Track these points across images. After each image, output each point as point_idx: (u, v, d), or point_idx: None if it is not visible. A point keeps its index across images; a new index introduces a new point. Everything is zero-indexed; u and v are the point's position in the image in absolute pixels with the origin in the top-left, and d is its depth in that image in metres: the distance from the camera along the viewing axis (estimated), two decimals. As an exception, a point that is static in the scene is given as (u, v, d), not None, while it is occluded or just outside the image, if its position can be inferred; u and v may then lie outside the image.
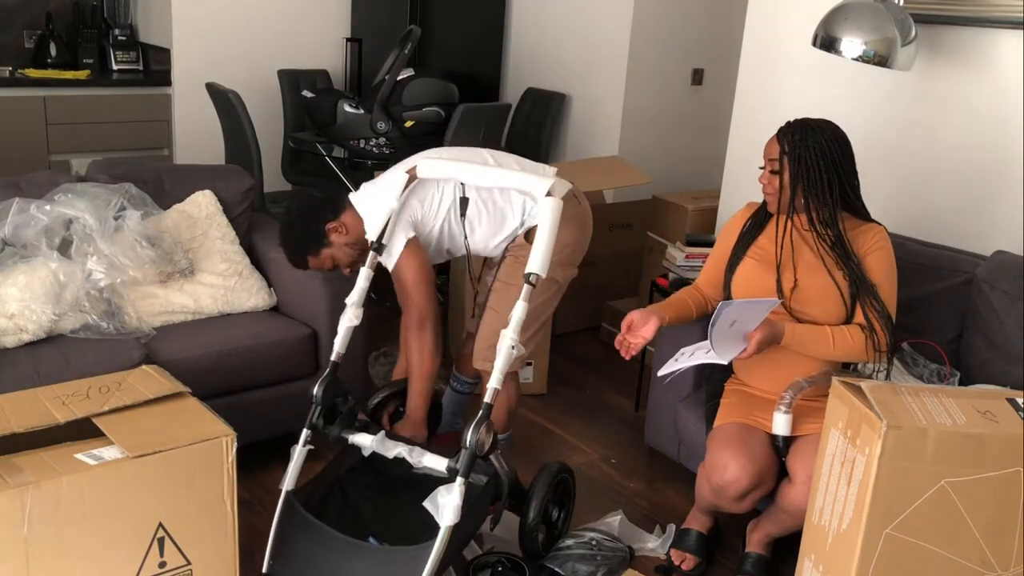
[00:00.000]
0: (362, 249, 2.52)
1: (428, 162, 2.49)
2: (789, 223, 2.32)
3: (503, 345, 2.13)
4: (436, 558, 2.02)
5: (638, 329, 2.29)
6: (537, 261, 2.20)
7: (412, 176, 2.45)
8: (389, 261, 2.47)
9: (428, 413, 2.59)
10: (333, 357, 2.37)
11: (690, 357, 2.27)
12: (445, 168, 2.48)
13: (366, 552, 2.18)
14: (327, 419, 2.32)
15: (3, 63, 4.47)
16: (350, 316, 2.37)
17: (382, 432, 2.29)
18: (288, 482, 2.25)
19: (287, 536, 2.20)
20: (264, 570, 2.20)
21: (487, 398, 2.14)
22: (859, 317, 2.28)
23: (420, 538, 2.12)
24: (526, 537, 2.42)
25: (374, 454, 2.29)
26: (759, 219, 2.43)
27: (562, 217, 2.34)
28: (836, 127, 2.29)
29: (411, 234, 2.46)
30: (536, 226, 2.57)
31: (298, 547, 2.18)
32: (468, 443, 2.10)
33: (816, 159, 2.24)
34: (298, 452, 2.30)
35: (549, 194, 2.31)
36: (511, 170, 2.48)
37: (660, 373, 2.34)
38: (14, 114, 4.22)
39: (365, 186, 2.58)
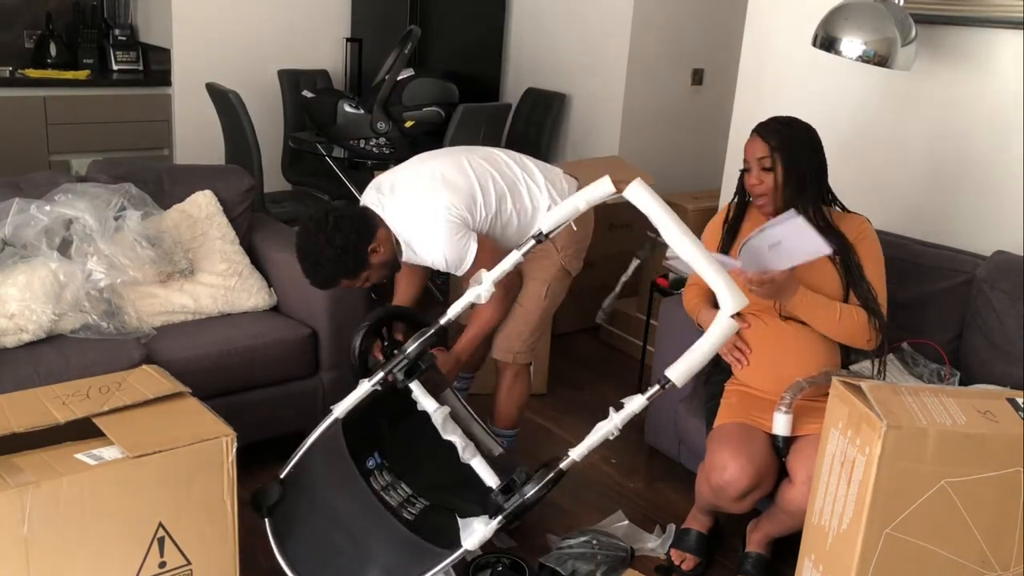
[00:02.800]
0: (392, 265, 2.47)
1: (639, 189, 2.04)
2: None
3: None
4: (441, 569, 2.02)
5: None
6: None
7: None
8: (460, 271, 2.42)
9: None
10: (443, 321, 2.29)
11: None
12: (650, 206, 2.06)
13: (381, 521, 2.14)
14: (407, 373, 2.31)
15: (3, 63, 4.47)
16: (480, 291, 2.23)
17: (447, 408, 2.28)
18: (341, 409, 2.28)
19: (315, 460, 2.24)
20: (281, 475, 2.24)
21: (564, 466, 2.00)
22: (854, 301, 2.31)
23: (420, 470, 2.20)
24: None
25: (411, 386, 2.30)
26: (738, 215, 2.47)
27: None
28: (804, 121, 2.36)
29: (473, 238, 2.40)
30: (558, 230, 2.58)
31: (319, 477, 2.21)
32: (528, 497, 2.01)
33: (799, 151, 2.31)
34: (364, 388, 2.30)
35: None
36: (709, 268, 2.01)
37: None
38: (14, 114, 4.22)
39: (395, 203, 2.43)
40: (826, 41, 2.63)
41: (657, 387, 2.00)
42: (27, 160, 4.17)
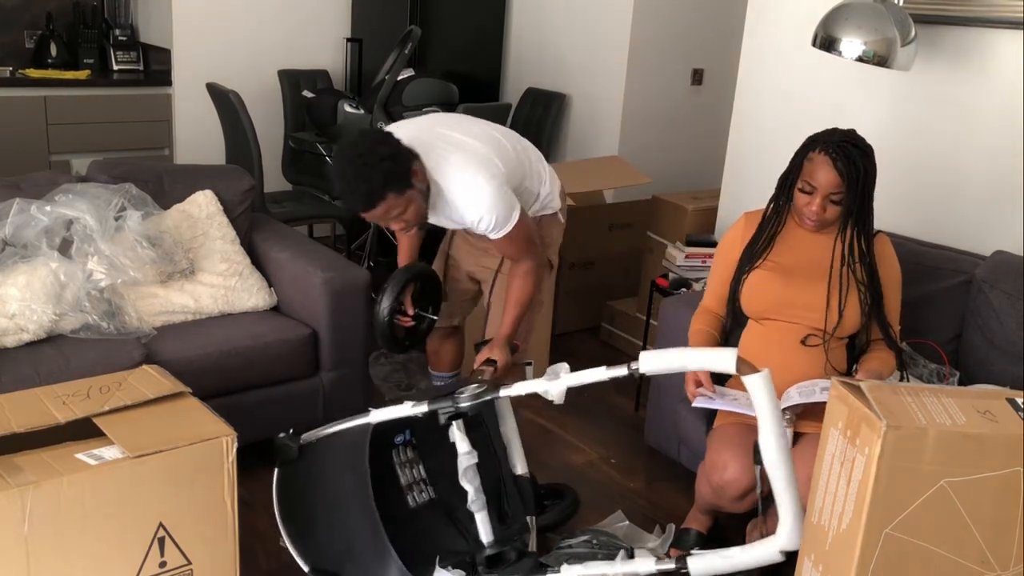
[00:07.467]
0: (423, 212, 2.34)
1: None
2: (840, 242, 2.31)
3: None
4: None
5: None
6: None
7: None
8: (500, 232, 2.33)
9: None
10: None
11: (731, 401, 2.30)
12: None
13: (374, 528, 2.11)
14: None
15: (3, 63, 4.47)
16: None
17: (475, 458, 2.21)
18: (377, 417, 2.25)
19: (337, 445, 2.27)
20: (302, 440, 2.30)
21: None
22: (876, 332, 2.31)
23: (443, 460, 2.23)
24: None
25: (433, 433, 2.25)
26: (770, 231, 2.40)
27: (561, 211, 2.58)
28: (866, 142, 2.27)
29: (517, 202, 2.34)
30: (547, 214, 2.57)
31: (334, 462, 2.25)
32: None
33: (869, 184, 2.25)
34: (407, 410, 2.23)
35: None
36: None
37: (695, 404, 2.34)
38: (14, 114, 4.23)
39: (440, 153, 2.32)
40: (826, 41, 2.63)
41: (626, 371, 1.96)
42: (27, 160, 4.17)
